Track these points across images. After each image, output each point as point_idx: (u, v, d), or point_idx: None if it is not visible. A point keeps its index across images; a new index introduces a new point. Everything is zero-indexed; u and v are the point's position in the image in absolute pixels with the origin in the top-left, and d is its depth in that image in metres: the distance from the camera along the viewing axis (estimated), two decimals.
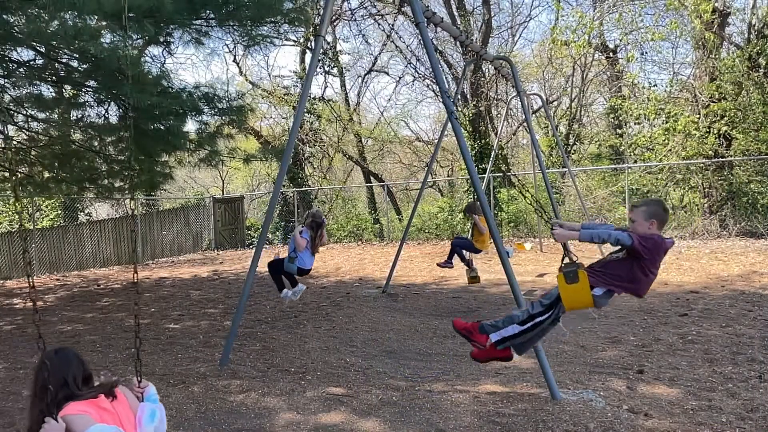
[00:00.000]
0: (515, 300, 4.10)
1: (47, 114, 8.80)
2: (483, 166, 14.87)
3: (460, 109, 18.50)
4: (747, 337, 5.11)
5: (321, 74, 23.55)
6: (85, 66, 7.14)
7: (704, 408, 3.52)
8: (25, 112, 8.74)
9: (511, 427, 3.36)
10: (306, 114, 21.26)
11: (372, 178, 24.68)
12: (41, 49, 6.80)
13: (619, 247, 2.88)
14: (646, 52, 17.15)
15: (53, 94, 8.47)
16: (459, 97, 17.69)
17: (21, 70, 7.47)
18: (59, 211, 18.26)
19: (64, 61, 7.32)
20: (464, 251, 7.62)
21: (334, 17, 21.36)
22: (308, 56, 22.78)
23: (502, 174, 15.95)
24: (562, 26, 15.99)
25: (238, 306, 5.04)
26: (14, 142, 9.73)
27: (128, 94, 6.58)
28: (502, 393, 3.95)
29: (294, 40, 20.80)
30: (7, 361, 5.41)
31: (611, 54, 19.03)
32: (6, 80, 7.65)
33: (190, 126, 12.75)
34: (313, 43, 19.79)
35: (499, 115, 19.75)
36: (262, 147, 18.02)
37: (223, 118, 8.34)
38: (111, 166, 9.58)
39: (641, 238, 2.78)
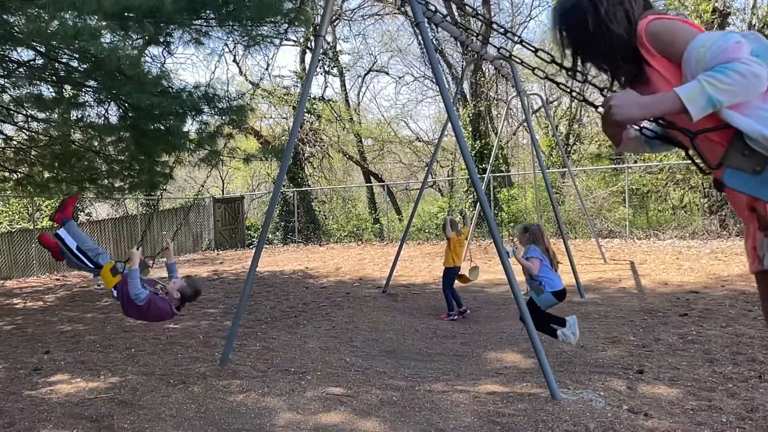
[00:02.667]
0: (515, 300, 4.10)
1: (47, 114, 8.80)
2: (483, 166, 14.88)
3: (460, 109, 18.50)
4: (747, 337, 5.10)
5: (321, 74, 23.57)
6: (85, 66, 7.14)
7: (704, 408, 3.52)
8: (25, 112, 8.74)
9: (511, 427, 3.36)
10: (306, 114, 21.27)
11: (372, 178, 24.68)
12: (41, 49, 6.79)
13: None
14: None
15: (53, 94, 8.45)
16: (459, 97, 17.69)
17: (21, 70, 7.47)
18: None
19: (64, 61, 7.32)
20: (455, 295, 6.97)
21: (334, 17, 21.36)
22: (308, 56, 22.78)
23: (502, 174, 15.96)
24: None
25: (238, 306, 5.04)
26: (14, 142, 9.74)
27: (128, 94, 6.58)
28: (502, 393, 3.95)
29: (294, 40, 20.82)
30: (7, 361, 5.40)
31: None
32: (6, 80, 7.65)
33: (190, 126, 12.71)
34: (313, 43, 19.79)
35: (499, 115, 19.75)
36: (262, 147, 18.04)
37: (223, 118, 8.34)
38: (111, 166, 9.58)
39: (162, 299, 3.72)
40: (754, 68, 1.48)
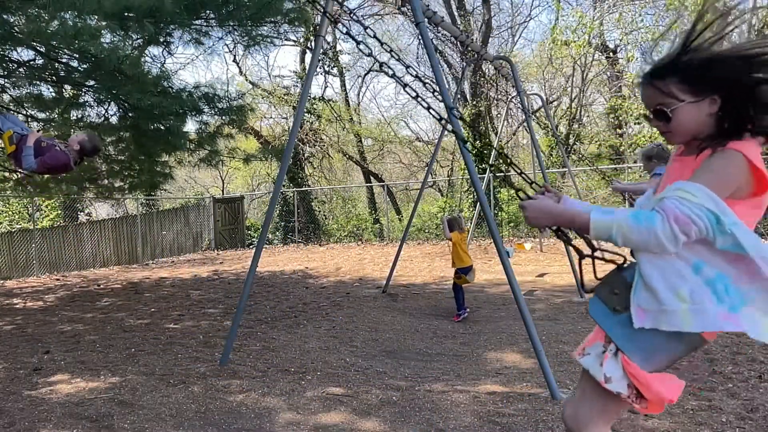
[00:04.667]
0: (515, 300, 4.10)
1: (47, 114, 8.80)
2: (483, 166, 14.87)
3: (460, 109, 18.51)
4: (747, 337, 5.08)
5: (321, 74, 23.59)
6: (85, 66, 7.14)
7: (704, 408, 3.52)
8: (25, 112, 8.74)
9: (511, 427, 3.36)
10: (306, 114, 21.27)
11: (372, 178, 24.69)
12: (41, 49, 6.80)
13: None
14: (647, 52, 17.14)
15: (53, 94, 8.46)
16: (459, 97, 17.69)
17: (21, 70, 7.47)
18: (59, 211, 18.28)
19: (64, 61, 7.32)
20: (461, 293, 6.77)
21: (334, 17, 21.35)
22: (308, 56, 22.79)
23: (502, 174, 15.94)
24: (562, 26, 16.00)
25: (238, 306, 5.04)
26: None
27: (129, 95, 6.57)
28: (502, 393, 3.95)
29: (294, 40, 20.83)
30: (7, 361, 5.40)
31: (611, 54, 19.04)
32: (6, 80, 7.66)
33: (190, 126, 12.71)
34: (313, 43, 19.79)
35: (499, 115, 19.76)
36: (262, 147, 18.05)
37: (223, 118, 8.35)
38: (111, 166, 9.59)
39: (57, 154, 4.54)
40: (663, 235, 1.38)
